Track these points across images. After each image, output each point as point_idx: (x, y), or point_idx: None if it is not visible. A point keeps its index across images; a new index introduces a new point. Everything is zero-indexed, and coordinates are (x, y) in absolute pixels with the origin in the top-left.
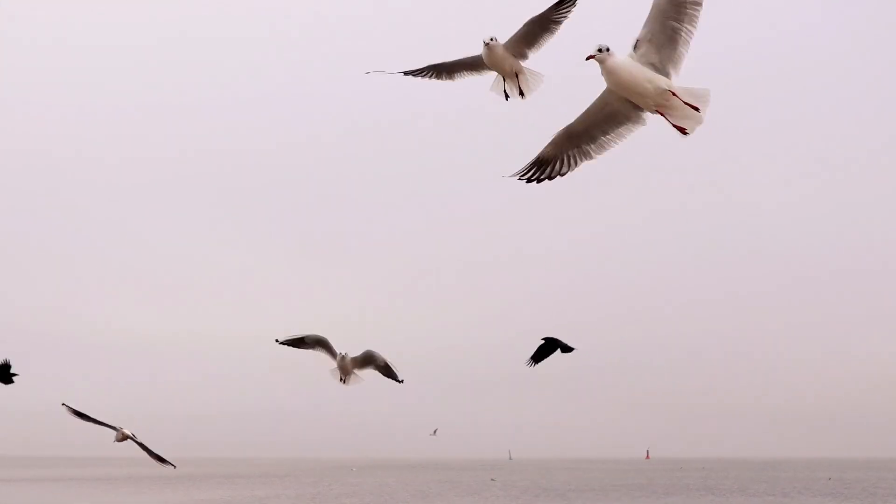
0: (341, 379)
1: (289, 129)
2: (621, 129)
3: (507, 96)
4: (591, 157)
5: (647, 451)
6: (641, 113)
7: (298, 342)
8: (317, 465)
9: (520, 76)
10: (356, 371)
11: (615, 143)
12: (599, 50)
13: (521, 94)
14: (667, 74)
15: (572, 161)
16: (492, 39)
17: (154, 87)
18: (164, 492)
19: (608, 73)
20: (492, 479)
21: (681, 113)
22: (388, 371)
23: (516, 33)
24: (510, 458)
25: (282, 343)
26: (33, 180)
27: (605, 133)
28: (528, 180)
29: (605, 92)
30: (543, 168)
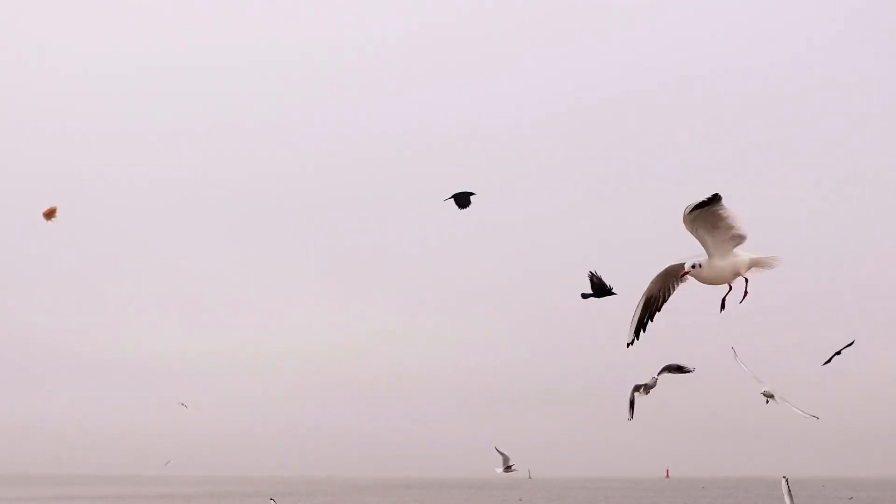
0: None
1: (311, 151)
2: None
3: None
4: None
5: (668, 470)
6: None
7: None
8: (335, 483)
9: None
10: None
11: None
12: (693, 266)
13: None
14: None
15: (668, 294)
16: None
17: (179, 111)
18: None
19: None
20: (519, 500)
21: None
22: None
23: None
24: (529, 477)
25: None
26: (56, 203)
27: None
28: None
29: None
30: (651, 308)
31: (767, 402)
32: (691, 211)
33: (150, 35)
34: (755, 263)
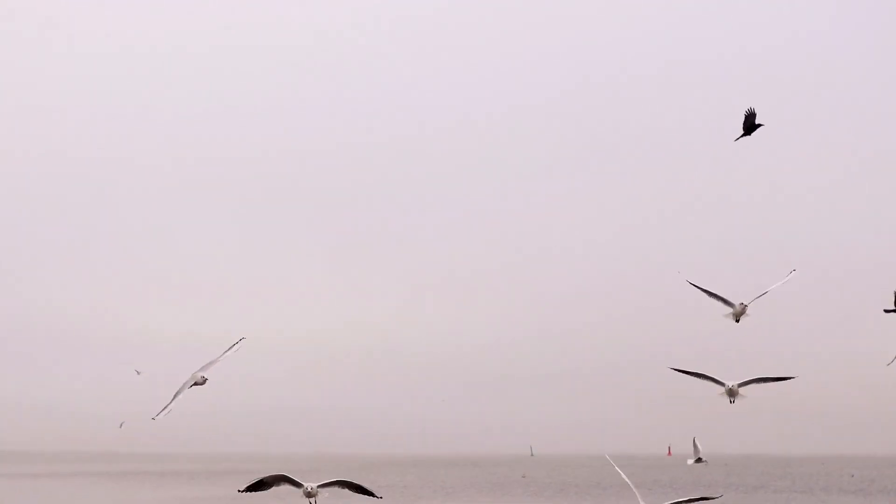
0: None
1: (317, 135)
2: None
3: None
4: None
5: (669, 448)
6: None
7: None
8: (338, 461)
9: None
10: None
11: None
12: None
13: None
14: None
15: None
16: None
17: (187, 94)
18: (183, 487)
19: None
20: (522, 477)
21: None
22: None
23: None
24: (532, 454)
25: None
26: (66, 186)
27: None
28: None
29: None
30: None
31: (732, 401)
32: None
33: (161, 16)
34: None
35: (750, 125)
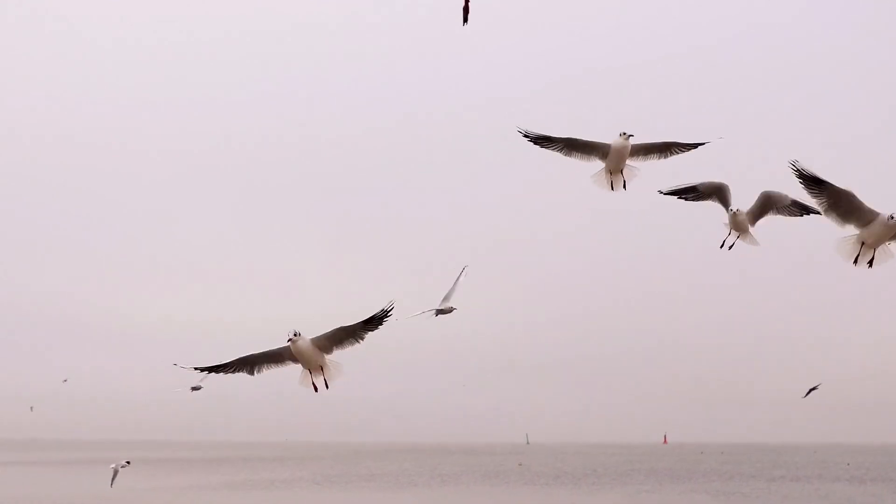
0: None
1: (315, 123)
2: None
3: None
4: None
5: (665, 436)
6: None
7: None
8: (335, 448)
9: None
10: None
11: None
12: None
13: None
14: None
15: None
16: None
17: (185, 83)
18: (182, 474)
19: None
20: (518, 465)
21: None
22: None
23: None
24: (527, 442)
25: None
26: (65, 173)
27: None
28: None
29: None
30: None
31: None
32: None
33: (161, 7)
34: None
35: None
